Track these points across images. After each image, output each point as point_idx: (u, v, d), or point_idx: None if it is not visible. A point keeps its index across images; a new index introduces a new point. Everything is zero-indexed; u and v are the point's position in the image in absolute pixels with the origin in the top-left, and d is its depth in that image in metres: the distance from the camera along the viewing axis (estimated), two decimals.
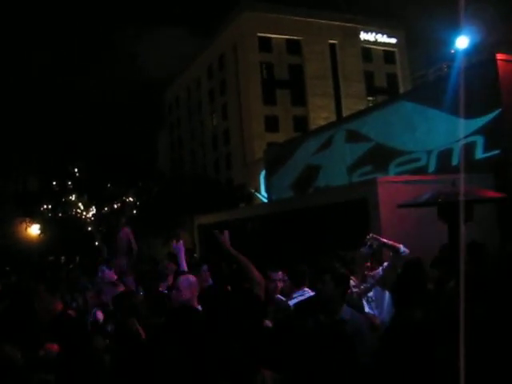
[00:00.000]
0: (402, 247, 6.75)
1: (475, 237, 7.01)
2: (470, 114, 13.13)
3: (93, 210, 33.57)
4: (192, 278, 5.76)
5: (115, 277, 9.57)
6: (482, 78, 13.25)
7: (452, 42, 20.88)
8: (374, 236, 7.27)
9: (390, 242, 6.97)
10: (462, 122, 13.32)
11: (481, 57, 17.97)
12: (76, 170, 32.83)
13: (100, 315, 6.91)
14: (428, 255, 7.23)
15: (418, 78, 67.64)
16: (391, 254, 6.84)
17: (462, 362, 2.02)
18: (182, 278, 5.66)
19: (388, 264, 6.78)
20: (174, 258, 11.65)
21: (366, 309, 6.10)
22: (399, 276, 5.43)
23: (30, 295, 5.82)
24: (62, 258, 26.31)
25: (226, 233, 4.57)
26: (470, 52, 20.60)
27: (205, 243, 18.72)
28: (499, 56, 13.40)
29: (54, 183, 33.35)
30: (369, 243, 7.33)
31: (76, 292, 9.30)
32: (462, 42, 19.75)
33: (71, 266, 18.43)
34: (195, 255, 17.21)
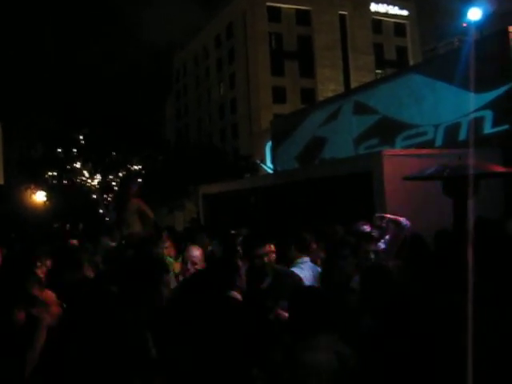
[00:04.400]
0: (403, 220, 6.72)
1: (481, 212, 6.92)
2: (479, 88, 12.91)
3: (98, 178, 33.52)
4: (198, 248, 5.74)
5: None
6: (493, 51, 13.02)
7: (464, 15, 20.40)
8: (379, 215, 7.23)
9: (393, 217, 6.95)
10: (471, 96, 13.13)
11: (493, 29, 17.63)
12: (81, 137, 32.64)
13: None
14: (433, 229, 7.17)
15: (428, 52, 66.78)
16: (393, 227, 6.80)
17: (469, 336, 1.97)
18: (193, 250, 5.54)
19: (390, 237, 6.73)
20: (171, 231, 11.62)
21: None
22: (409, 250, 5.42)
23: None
24: (67, 225, 26.33)
25: None
26: (481, 24, 20.17)
27: (209, 213, 18.69)
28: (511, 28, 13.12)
29: (59, 150, 33.22)
30: (378, 223, 7.28)
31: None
32: (475, 14, 19.32)
33: (76, 234, 18.42)
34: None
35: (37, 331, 3.43)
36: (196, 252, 5.48)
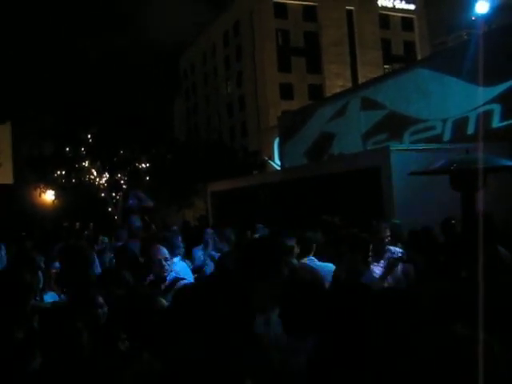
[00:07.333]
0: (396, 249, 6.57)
1: (490, 206, 6.88)
2: (487, 82, 12.83)
3: (106, 177, 33.66)
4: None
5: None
6: (500, 44, 12.93)
7: (472, 8, 20.30)
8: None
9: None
10: (479, 89, 13.05)
11: (501, 22, 17.54)
12: (89, 136, 32.77)
13: None
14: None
15: (436, 46, 66.41)
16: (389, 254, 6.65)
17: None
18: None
19: (385, 264, 6.53)
20: (188, 230, 11.63)
21: None
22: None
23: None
24: (77, 224, 26.43)
25: None
26: (490, 17, 20.06)
27: (218, 210, 18.73)
28: None
29: (68, 149, 33.38)
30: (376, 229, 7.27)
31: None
32: (482, 7, 19.21)
33: (86, 232, 18.47)
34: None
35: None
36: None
